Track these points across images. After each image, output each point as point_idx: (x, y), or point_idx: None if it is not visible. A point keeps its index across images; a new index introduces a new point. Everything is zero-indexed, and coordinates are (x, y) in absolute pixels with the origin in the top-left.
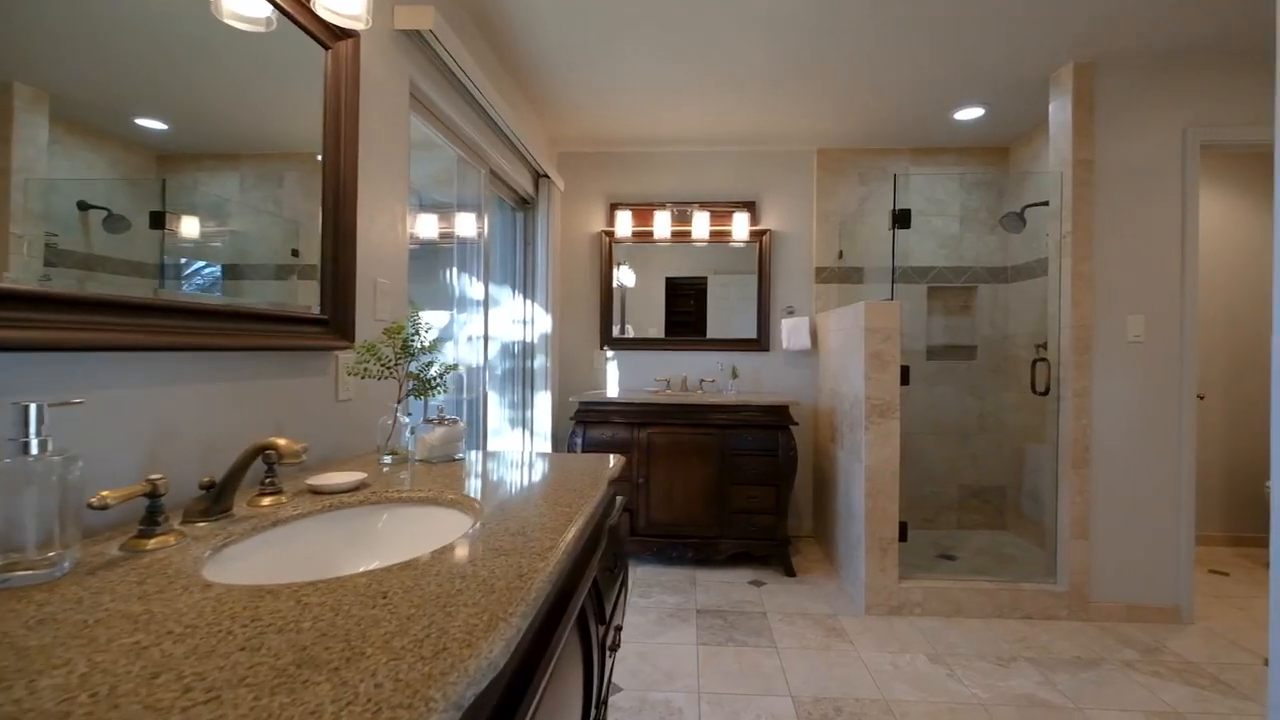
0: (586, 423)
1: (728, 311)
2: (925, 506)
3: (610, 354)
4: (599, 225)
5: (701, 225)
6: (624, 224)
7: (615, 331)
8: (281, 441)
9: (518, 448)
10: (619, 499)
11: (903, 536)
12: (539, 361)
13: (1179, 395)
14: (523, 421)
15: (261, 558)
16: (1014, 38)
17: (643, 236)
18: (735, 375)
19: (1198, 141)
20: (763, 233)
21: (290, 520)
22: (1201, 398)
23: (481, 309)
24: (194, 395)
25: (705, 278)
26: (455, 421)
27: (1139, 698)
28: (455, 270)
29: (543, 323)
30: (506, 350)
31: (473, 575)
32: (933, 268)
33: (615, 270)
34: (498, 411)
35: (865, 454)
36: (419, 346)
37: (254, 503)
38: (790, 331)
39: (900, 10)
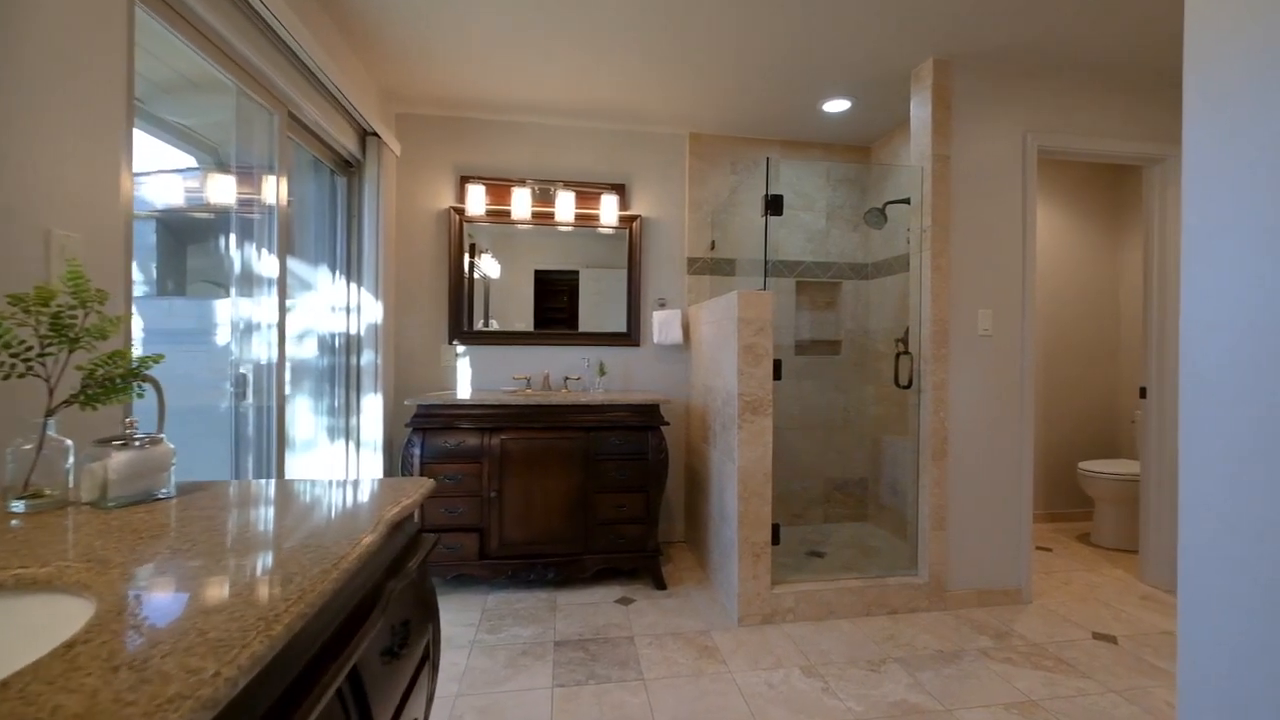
0: (426, 430)
1: (600, 306)
2: (794, 502)
3: (461, 349)
4: (447, 200)
5: (566, 206)
6: (476, 200)
7: (479, 325)
8: None
9: (322, 469)
10: (425, 538)
11: (775, 539)
12: (367, 358)
13: (1020, 386)
14: (346, 431)
15: None
16: (878, 29)
17: (499, 216)
18: (603, 372)
19: (1035, 146)
20: (633, 218)
21: None
22: None
23: (275, 291)
24: None
25: (577, 271)
26: (153, 440)
27: (998, 689)
28: (234, 240)
29: (372, 311)
30: (324, 344)
31: None
32: (801, 262)
33: (475, 257)
34: (310, 419)
35: (738, 454)
36: (86, 328)
37: None
38: (662, 325)
39: None
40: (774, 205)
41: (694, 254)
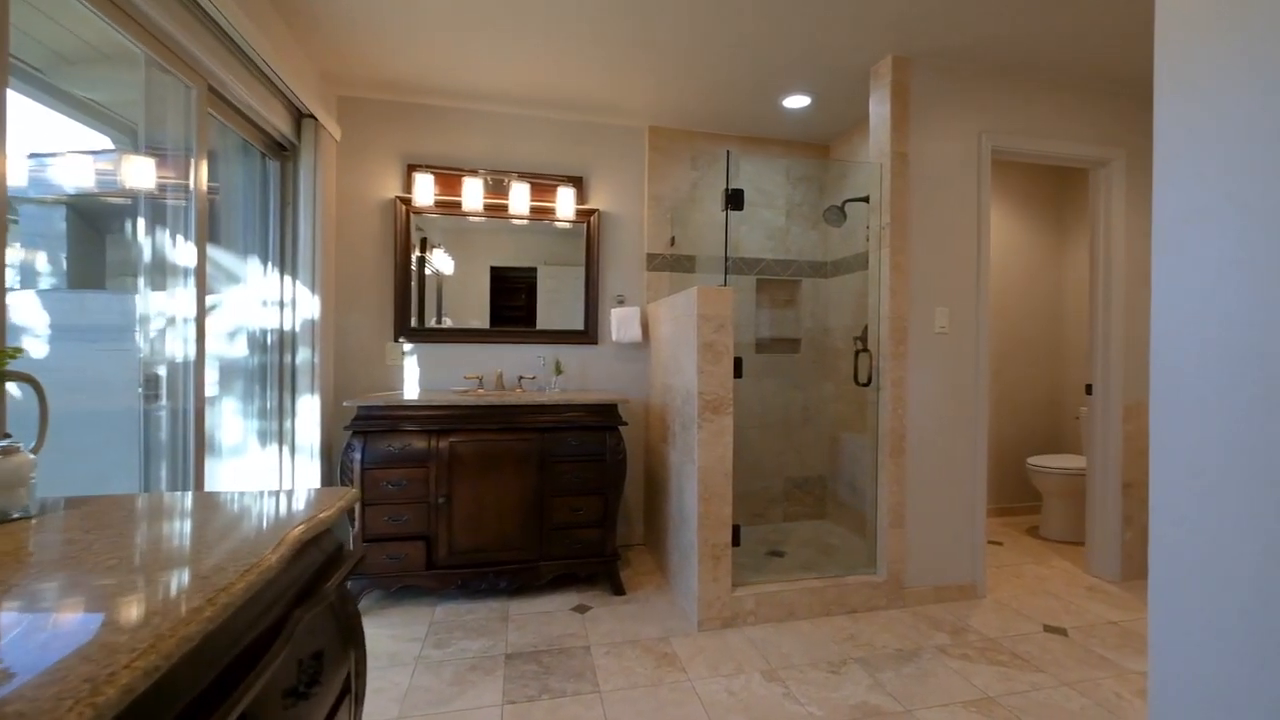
0: (368, 433)
1: (558, 304)
2: (754, 501)
3: (408, 348)
4: (393, 190)
5: (521, 199)
6: (424, 190)
7: (432, 322)
8: None
9: (251, 477)
10: (348, 553)
11: (735, 541)
12: (303, 356)
13: (975, 383)
14: (279, 435)
15: None
16: (839, 24)
17: (449, 207)
18: (559, 371)
19: (990, 146)
20: (591, 212)
21: None
22: None
23: (194, 282)
24: None
25: (535, 269)
26: (7, 450)
27: (956, 687)
28: (145, 226)
29: (308, 306)
30: (255, 342)
31: None
32: (761, 259)
33: (426, 252)
34: (238, 423)
35: (698, 454)
36: None
37: None
38: (620, 322)
39: None
40: (735, 200)
41: (653, 250)
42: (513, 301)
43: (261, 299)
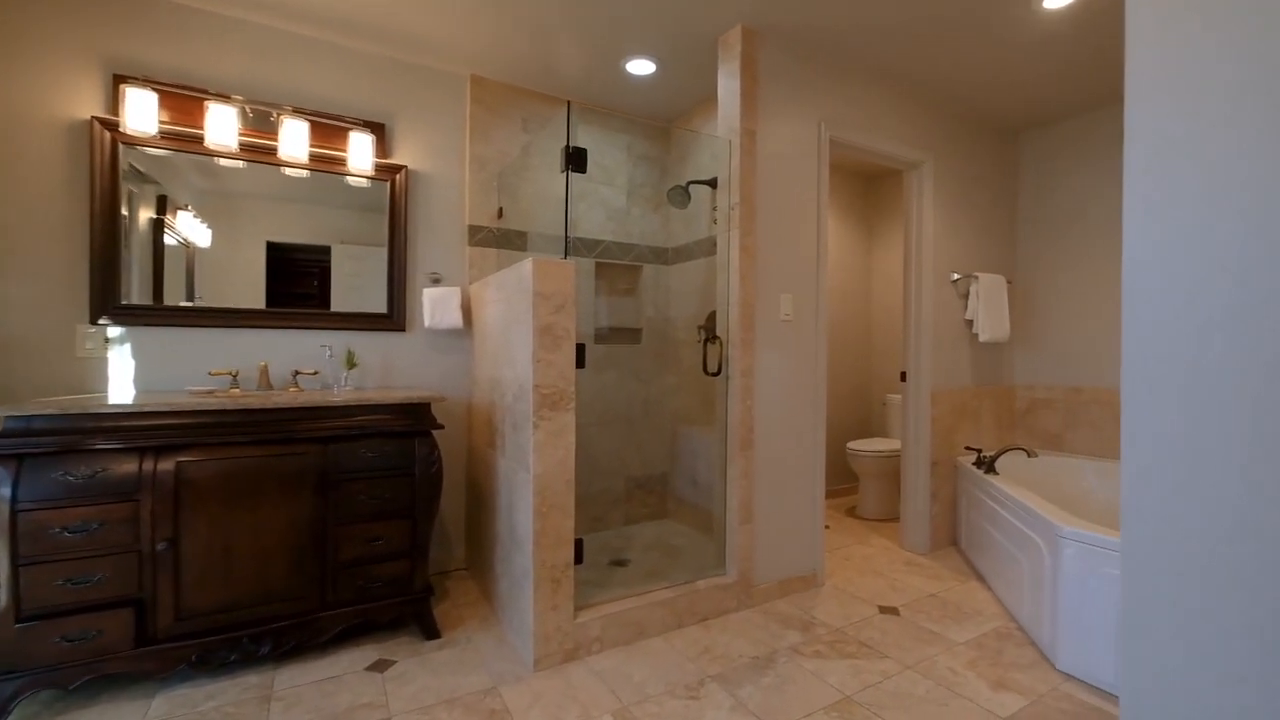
0: (26, 456)
1: (359, 292)
2: (594, 505)
3: (116, 332)
4: (88, 108)
5: (296, 140)
6: (142, 112)
7: (182, 303)
8: None
9: None
10: None
11: (578, 558)
12: None
13: (815, 371)
14: None
15: None
16: None
17: (186, 142)
18: (352, 364)
19: (828, 135)
20: (397, 169)
21: None
22: None
23: None
24: None
25: (329, 248)
26: None
27: (815, 691)
28: None
29: None
30: None
31: None
32: (601, 241)
33: (170, 214)
34: None
35: (533, 460)
36: None
37: None
38: (435, 305)
39: None
40: (576, 160)
41: (477, 221)
42: (299, 288)
43: None
